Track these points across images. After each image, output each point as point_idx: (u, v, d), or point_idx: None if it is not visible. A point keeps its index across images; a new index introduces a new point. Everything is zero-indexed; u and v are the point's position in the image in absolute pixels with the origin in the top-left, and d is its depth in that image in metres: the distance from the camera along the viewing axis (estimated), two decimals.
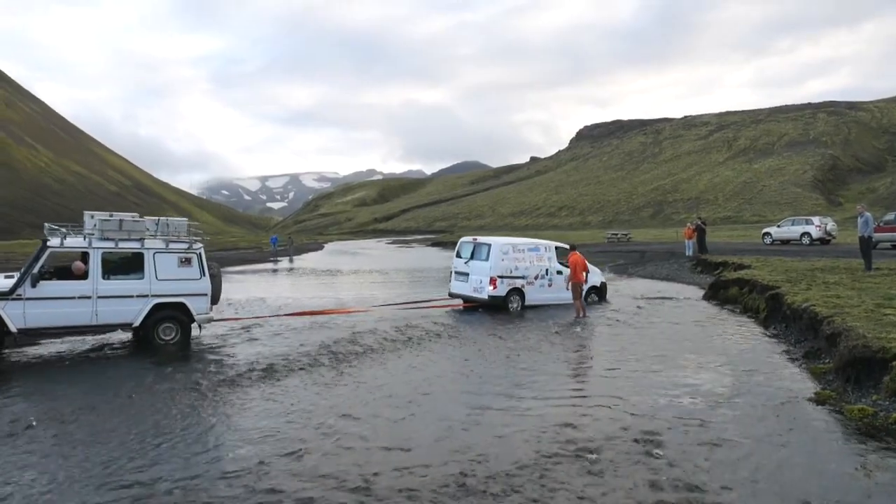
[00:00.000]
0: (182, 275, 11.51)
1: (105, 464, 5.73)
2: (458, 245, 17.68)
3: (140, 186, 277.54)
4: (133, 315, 11.05)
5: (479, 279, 16.31)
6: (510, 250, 16.42)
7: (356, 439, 6.46)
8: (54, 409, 7.45)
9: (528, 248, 16.85)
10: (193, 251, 11.72)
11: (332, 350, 11.12)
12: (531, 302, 16.47)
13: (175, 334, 11.43)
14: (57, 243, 10.69)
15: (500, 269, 16.06)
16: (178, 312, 11.47)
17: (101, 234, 11.00)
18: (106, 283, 10.85)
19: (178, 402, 7.79)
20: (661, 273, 26.74)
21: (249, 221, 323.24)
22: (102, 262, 10.85)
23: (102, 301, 10.75)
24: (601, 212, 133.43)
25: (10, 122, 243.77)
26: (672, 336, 12.36)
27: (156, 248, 11.35)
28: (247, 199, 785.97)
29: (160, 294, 11.25)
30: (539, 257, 16.90)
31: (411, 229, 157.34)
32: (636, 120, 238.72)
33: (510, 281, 16.18)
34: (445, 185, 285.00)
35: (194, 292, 11.58)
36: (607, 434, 6.58)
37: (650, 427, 6.79)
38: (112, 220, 11.12)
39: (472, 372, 9.57)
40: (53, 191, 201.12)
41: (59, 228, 11.07)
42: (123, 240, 11.13)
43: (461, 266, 17.03)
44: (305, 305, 17.47)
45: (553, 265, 17.10)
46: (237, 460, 5.85)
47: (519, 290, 16.32)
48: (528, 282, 16.50)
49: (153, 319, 11.21)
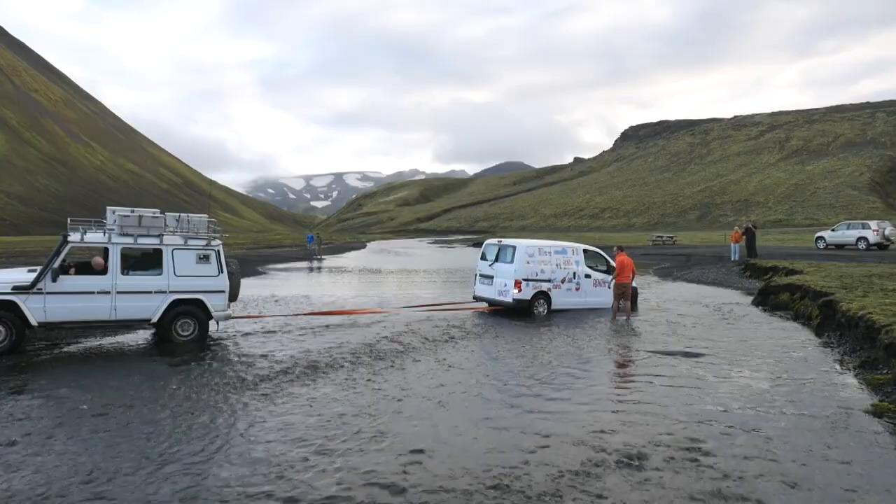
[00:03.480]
0: (200, 271, 11.52)
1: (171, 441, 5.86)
2: (483, 247, 17.41)
3: (190, 184, 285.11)
4: (151, 311, 11.12)
5: (503, 282, 16.00)
6: (536, 253, 16.09)
7: (389, 439, 6.44)
8: (109, 399, 7.66)
9: (554, 251, 16.45)
10: (211, 248, 11.71)
11: (351, 353, 11.12)
12: (558, 306, 16.09)
13: (192, 330, 11.45)
14: (77, 238, 10.83)
15: (526, 271, 15.75)
16: (195, 309, 11.47)
17: (120, 230, 11.05)
18: (125, 279, 10.94)
19: (217, 396, 7.92)
20: (707, 277, 26.09)
21: (294, 219, 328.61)
22: (122, 257, 10.97)
23: (121, 296, 10.86)
24: (646, 214, 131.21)
25: (69, 122, 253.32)
26: (719, 342, 12.02)
27: (174, 244, 11.39)
28: (291, 197, 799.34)
29: (178, 290, 11.28)
30: (566, 260, 16.49)
31: (453, 229, 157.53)
32: (683, 120, 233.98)
33: (536, 284, 15.84)
34: (488, 185, 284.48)
35: (212, 289, 11.59)
36: (651, 440, 6.42)
37: (697, 434, 6.60)
38: (131, 215, 11.17)
39: (503, 375, 9.45)
40: (108, 187, 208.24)
41: (81, 223, 11.17)
42: (143, 236, 11.19)
43: (486, 269, 16.74)
44: (341, 304, 17.63)
45: (581, 269, 16.68)
46: (261, 457, 5.90)
47: (545, 294, 15.97)
48: (555, 285, 16.13)
49: (171, 315, 11.25)
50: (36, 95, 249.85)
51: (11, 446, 6.04)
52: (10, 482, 5.21)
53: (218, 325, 12.42)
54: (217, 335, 12.27)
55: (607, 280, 16.80)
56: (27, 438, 6.27)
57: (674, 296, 20.06)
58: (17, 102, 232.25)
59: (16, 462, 5.65)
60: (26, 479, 5.26)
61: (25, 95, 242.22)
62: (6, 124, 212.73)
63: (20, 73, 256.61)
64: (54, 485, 5.17)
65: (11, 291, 10.20)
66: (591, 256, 17.22)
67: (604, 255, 17.57)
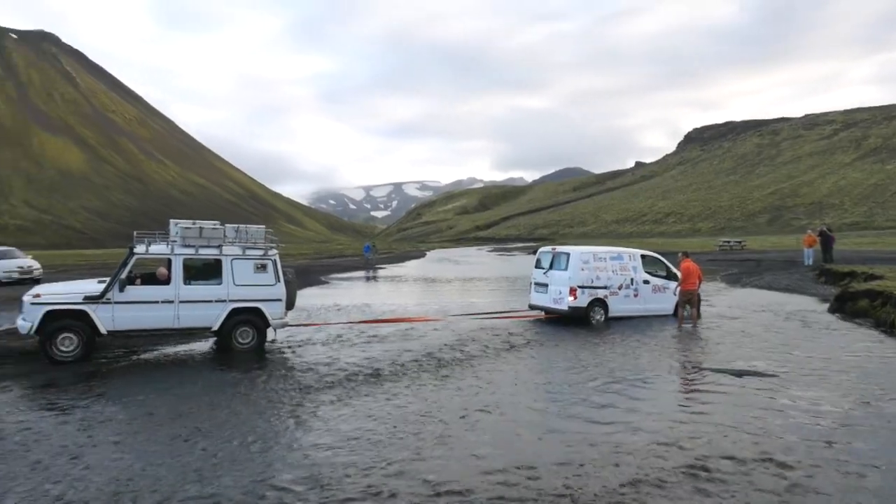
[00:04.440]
0: (258, 280, 11.74)
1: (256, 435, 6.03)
2: (538, 255, 17.19)
3: (255, 197, 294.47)
4: (212, 319, 11.41)
5: (558, 290, 15.71)
6: (591, 259, 15.74)
7: (459, 447, 6.43)
8: (186, 404, 7.96)
9: (610, 257, 16.05)
10: (269, 258, 11.92)
11: (413, 360, 11.14)
12: (615, 313, 15.67)
13: (251, 338, 11.66)
14: (142, 250, 11.23)
15: (581, 278, 15.42)
16: (254, 317, 11.70)
17: (182, 241, 11.38)
18: (187, 288, 11.25)
19: (287, 401, 8.10)
20: (779, 283, 25.03)
21: (354, 229, 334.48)
22: (184, 268, 11.29)
23: (184, 305, 11.18)
24: (712, 218, 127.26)
25: (142, 140, 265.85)
26: (792, 350, 11.48)
27: (233, 254, 11.65)
28: (352, 208, 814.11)
29: (237, 299, 11.53)
30: (623, 266, 16.06)
31: (512, 237, 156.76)
32: (750, 121, 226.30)
33: (591, 291, 15.49)
34: (546, 192, 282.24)
35: (270, 297, 11.79)
36: (721, 452, 6.18)
37: (769, 448, 6.31)
38: (193, 227, 11.50)
39: (563, 385, 9.29)
40: (179, 201, 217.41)
41: (146, 236, 11.58)
42: (203, 246, 11.49)
43: (540, 277, 16.49)
44: (401, 313, 17.75)
45: (639, 275, 16.21)
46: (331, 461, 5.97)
47: (602, 301, 15.56)
48: (612, 292, 15.71)
49: (231, 323, 11.51)
50: (112, 115, 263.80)
51: (94, 447, 6.33)
52: (101, 479, 5.46)
53: (276, 333, 12.65)
54: (280, 343, 12.56)
55: (668, 286, 16.37)
56: (112, 440, 6.56)
57: (744, 302, 19.32)
58: (96, 123, 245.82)
59: (100, 462, 5.92)
60: (120, 478, 5.50)
61: (103, 116, 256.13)
62: (85, 143, 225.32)
63: (98, 94, 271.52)
64: (162, 482, 5.38)
65: (82, 301, 10.66)
66: (650, 262, 16.75)
67: (663, 260, 17.09)
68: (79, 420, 7.35)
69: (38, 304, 10.49)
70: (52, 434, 6.82)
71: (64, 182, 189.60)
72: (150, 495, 5.20)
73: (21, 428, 7.04)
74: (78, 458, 6.06)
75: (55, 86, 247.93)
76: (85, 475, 5.65)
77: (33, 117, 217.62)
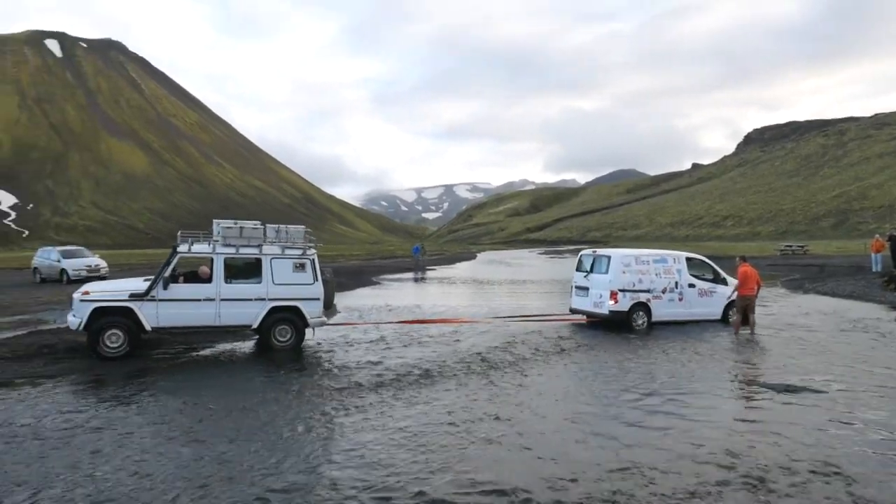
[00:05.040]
0: (296, 279, 11.94)
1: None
2: (579, 258, 16.82)
3: (309, 199, 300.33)
4: (252, 317, 11.64)
5: (599, 293, 15.34)
6: (632, 262, 15.33)
7: (514, 450, 6.42)
8: (244, 401, 8.21)
9: (653, 260, 15.59)
10: (307, 257, 12.11)
11: (461, 361, 11.14)
12: (659, 318, 15.22)
13: (290, 337, 11.88)
14: (185, 249, 11.60)
15: (622, 282, 15.03)
16: (292, 316, 11.89)
17: (223, 241, 11.68)
18: (228, 287, 11.51)
19: (338, 399, 8.25)
20: (843, 290, 24.01)
21: (406, 231, 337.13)
22: (225, 266, 11.56)
23: (225, 303, 11.44)
24: (773, 222, 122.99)
25: (203, 144, 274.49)
26: (857, 361, 10.99)
27: (272, 253, 11.87)
28: (403, 209, 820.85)
29: (276, 298, 11.74)
30: (667, 269, 15.57)
31: (564, 239, 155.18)
32: (815, 120, 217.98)
33: (633, 295, 15.07)
34: (600, 194, 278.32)
35: (308, 296, 11.98)
36: (777, 462, 5.99)
37: (830, 458, 6.08)
38: (234, 227, 11.80)
39: (608, 391, 9.14)
40: (237, 203, 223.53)
41: (189, 235, 11.94)
42: (244, 246, 11.75)
43: (581, 280, 16.13)
44: (452, 314, 17.79)
45: (684, 278, 15.70)
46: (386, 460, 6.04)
47: (644, 305, 15.11)
48: (655, 296, 15.26)
49: (270, 322, 11.72)
50: (174, 120, 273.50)
51: (170, 440, 6.60)
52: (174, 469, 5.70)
53: (314, 333, 12.80)
54: (327, 342, 12.79)
55: (715, 290, 15.87)
56: (175, 433, 6.85)
57: (805, 309, 18.62)
58: (159, 127, 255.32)
59: (174, 452, 6.18)
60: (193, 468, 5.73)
61: (165, 121, 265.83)
62: (150, 147, 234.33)
63: (161, 100, 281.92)
64: (235, 469, 5.60)
65: (128, 298, 11.05)
66: (696, 265, 16.24)
67: (710, 263, 16.56)
68: (142, 410, 7.68)
69: (86, 301, 10.92)
70: (131, 422, 7.15)
71: (129, 185, 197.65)
72: (247, 477, 5.40)
73: (94, 416, 7.39)
74: (162, 445, 6.34)
75: (121, 92, 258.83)
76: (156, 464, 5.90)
77: (101, 123, 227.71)
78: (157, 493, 5.26)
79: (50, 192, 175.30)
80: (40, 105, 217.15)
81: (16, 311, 17.83)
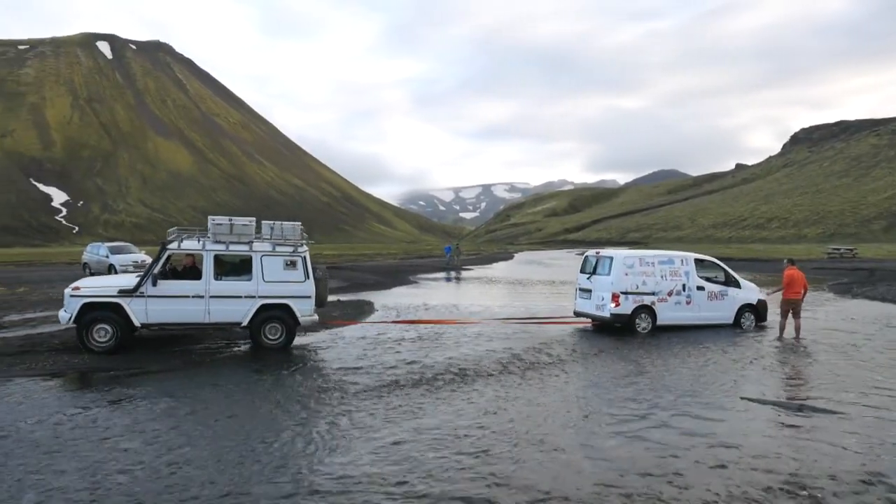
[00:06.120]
0: (287, 277, 11.84)
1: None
2: (583, 259, 16.40)
3: (348, 197, 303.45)
4: (241, 315, 11.57)
5: (601, 295, 14.88)
6: (636, 263, 14.81)
7: (546, 453, 6.40)
8: (292, 394, 8.37)
9: (658, 261, 15.03)
10: (298, 254, 11.99)
11: (497, 362, 11.12)
12: (664, 322, 14.66)
13: (280, 335, 11.78)
14: (175, 246, 11.63)
15: (625, 284, 14.54)
16: (283, 314, 11.79)
17: (213, 238, 11.63)
18: (217, 284, 11.48)
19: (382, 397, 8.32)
20: (894, 295, 23.20)
21: (443, 230, 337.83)
22: (214, 263, 11.53)
23: (214, 300, 11.41)
24: (820, 224, 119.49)
25: (245, 142, 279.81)
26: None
27: (263, 250, 11.78)
28: (441, 209, 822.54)
29: (266, 295, 11.66)
30: (674, 271, 15.00)
31: (602, 240, 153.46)
32: (865, 120, 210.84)
33: (636, 297, 14.57)
34: (640, 194, 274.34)
35: (299, 294, 11.87)
36: (824, 471, 5.83)
37: (881, 468, 5.89)
38: (223, 224, 11.74)
39: (645, 390, 9.00)
40: (277, 201, 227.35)
41: (182, 232, 11.91)
42: (233, 243, 11.67)
43: (584, 282, 15.70)
44: (488, 313, 17.77)
45: (692, 280, 15.10)
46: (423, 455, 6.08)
47: (648, 308, 14.57)
48: (660, 298, 14.69)
49: (260, 319, 11.65)
50: (218, 119, 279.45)
51: (216, 421, 6.78)
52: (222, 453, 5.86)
53: (304, 331, 12.69)
54: (371, 338, 12.90)
55: (726, 293, 15.30)
56: (216, 422, 7.04)
57: (852, 315, 18.05)
58: (203, 127, 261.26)
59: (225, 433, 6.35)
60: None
61: (210, 120, 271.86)
62: (194, 146, 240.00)
63: (206, 100, 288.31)
64: (276, 455, 5.74)
65: (117, 294, 11.15)
66: (707, 266, 15.64)
67: (721, 265, 15.90)
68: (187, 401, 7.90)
69: (76, 297, 11.07)
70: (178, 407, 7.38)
71: (174, 183, 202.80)
72: (303, 458, 5.53)
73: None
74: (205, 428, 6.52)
75: (168, 92, 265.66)
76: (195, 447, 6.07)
77: (149, 122, 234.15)
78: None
79: (100, 189, 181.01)
80: (91, 105, 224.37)
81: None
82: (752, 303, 15.55)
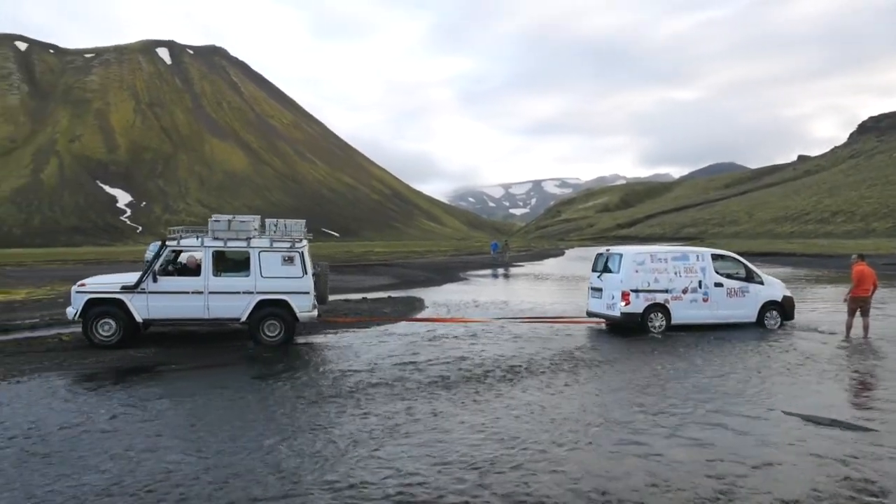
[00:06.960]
0: (285, 273, 11.84)
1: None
2: (594, 257, 15.81)
3: (397, 195, 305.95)
4: (240, 310, 11.68)
5: (611, 294, 14.29)
6: (647, 260, 14.11)
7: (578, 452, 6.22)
8: (352, 387, 8.42)
9: (672, 257, 14.29)
10: (296, 250, 11.95)
11: (548, 360, 10.92)
12: (679, 321, 13.90)
13: (279, 331, 11.79)
14: (174, 243, 11.83)
15: (635, 281, 13.84)
16: (281, 310, 11.80)
17: (212, 235, 11.81)
18: (216, 280, 11.63)
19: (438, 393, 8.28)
20: None
21: (493, 227, 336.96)
22: (213, 260, 11.68)
23: (213, 296, 11.58)
24: (890, 217, 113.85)
25: (297, 142, 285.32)
26: None
27: (260, 247, 11.84)
28: (491, 205, 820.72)
29: (264, 291, 11.72)
30: (688, 267, 14.22)
31: (656, 236, 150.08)
32: None
33: (648, 295, 13.85)
34: (695, 188, 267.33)
35: (297, 290, 11.85)
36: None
37: None
38: (221, 221, 11.90)
39: (692, 390, 8.66)
40: (328, 199, 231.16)
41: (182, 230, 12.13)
42: (232, 239, 11.81)
43: (595, 280, 15.14)
44: (539, 311, 17.54)
45: (709, 277, 14.27)
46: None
47: (661, 307, 13.88)
48: (675, 296, 13.97)
49: (258, 315, 11.71)
50: (272, 121, 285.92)
51: (272, 418, 6.86)
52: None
53: (303, 327, 12.68)
54: (424, 336, 12.88)
55: (747, 289, 14.45)
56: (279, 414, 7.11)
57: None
58: (258, 128, 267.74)
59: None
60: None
61: (264, 121, 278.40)
62: (249, 147, 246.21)
63: (260, 102, 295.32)
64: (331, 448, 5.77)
65: (119, 291, 11.44)
66: (725, 262, 14.84)
67: (742, 261, 15.02)
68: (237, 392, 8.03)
69: (81, 293, 11.43)
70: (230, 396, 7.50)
71: (230, 183, 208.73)
72: (365, 444, 5.55)
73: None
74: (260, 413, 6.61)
75: (224, 95, 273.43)
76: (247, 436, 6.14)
77: (205, 125, 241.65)
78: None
79: (161, 190, 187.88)
80: (152, 109, 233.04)
81: None
82: (777, 300, 14.65)
